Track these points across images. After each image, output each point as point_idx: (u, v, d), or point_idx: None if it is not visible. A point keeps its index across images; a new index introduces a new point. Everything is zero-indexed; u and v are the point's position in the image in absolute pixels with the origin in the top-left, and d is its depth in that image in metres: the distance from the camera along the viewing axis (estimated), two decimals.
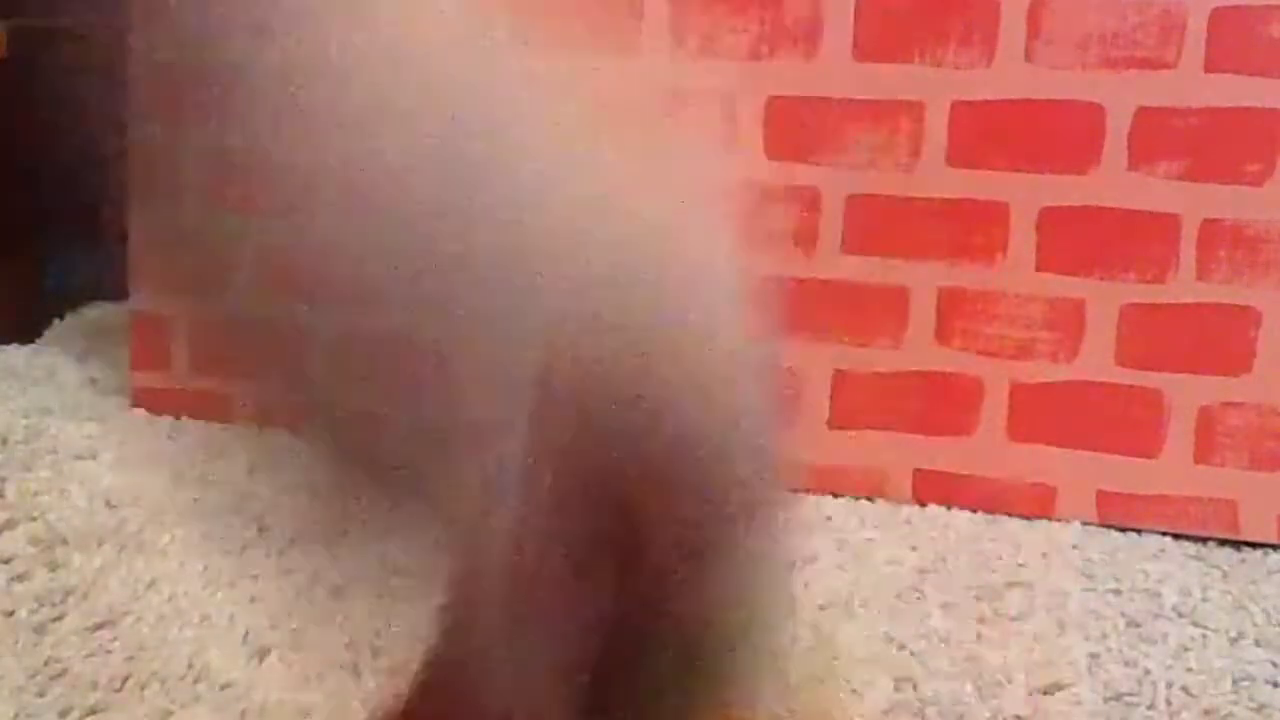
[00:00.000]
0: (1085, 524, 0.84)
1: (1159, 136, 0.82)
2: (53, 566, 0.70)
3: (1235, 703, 0.62)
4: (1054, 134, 0.83)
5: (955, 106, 0.84)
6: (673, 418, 0.27)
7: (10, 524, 0.75)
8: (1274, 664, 0.66)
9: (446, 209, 0.26)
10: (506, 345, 0.25)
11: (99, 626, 0.64)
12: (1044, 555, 0.79)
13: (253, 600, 0.67)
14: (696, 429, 0.27)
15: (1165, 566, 0.78)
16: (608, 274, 0.26)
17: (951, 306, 0.86)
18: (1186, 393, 0.83)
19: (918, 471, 0.87)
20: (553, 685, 0.28)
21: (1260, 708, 0.61)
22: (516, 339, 0.25)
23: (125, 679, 0.59)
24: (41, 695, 0.57)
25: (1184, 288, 0.83)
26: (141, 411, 0.97)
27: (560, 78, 0.27)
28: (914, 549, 0.79)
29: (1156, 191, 0.82)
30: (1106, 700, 0.61)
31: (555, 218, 0.26)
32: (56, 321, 1.22)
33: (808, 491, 0.88)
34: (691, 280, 0.27)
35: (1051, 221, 0.84)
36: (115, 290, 1.26)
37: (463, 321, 0.25)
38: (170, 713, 0.56)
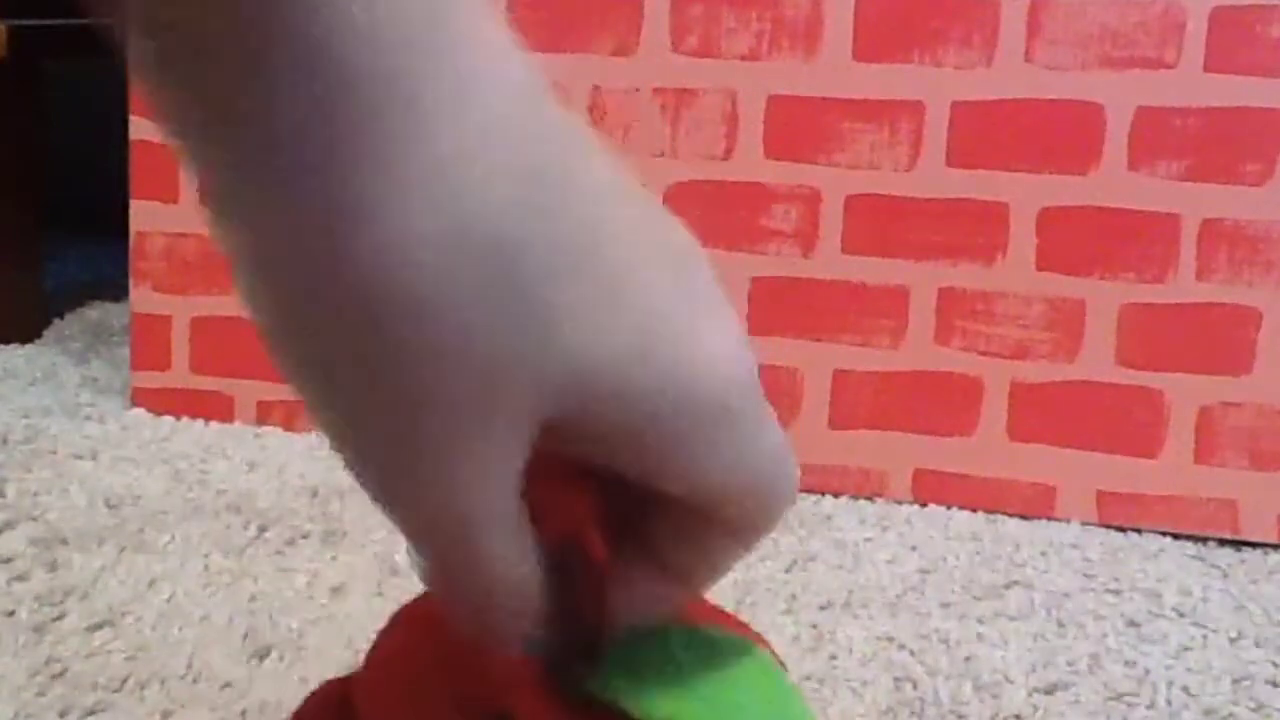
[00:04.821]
0: (1085, 524, 0.84)
1: (1159, 136, 0.82)
2: (53, 566, 0.70)
3: (1235, 703, 0.62)
4: (1054, 134, 0.83)
5: (955, 106, 0.84)
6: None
7: (10, 524, 0.75)
8: (1274, 664, 0.66)
9: None
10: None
11: (99, 626, 0.64)
12: (1044, 555, 0.79)
13: (253, 600, 0.67)
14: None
15: (1165, 566, 0.78)
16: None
17: (951, 306, 0.86)
18: (1186, 393, 0.83)
19: (918, 471, 0.87)
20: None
21: (1260, 707, 0.61)
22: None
23: (125, 679, 0.59)
24: (41, 695, 0.57)
25: (1184, 288, 0.83)
26: (141, 411, 0.97)
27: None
28: (914, 549, 0.79)
29: (1156, 191, 0.82)
30: (1106, 700, 0.61)
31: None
32: (56, 321, 1.22)
33: (808, 491, 0.88)
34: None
35: (1051, 221, 0.84)
36: (115, 290, 1.26)
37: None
38: (170, 713, 0.56)
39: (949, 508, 0.86)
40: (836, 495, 0.88)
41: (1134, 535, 0.83)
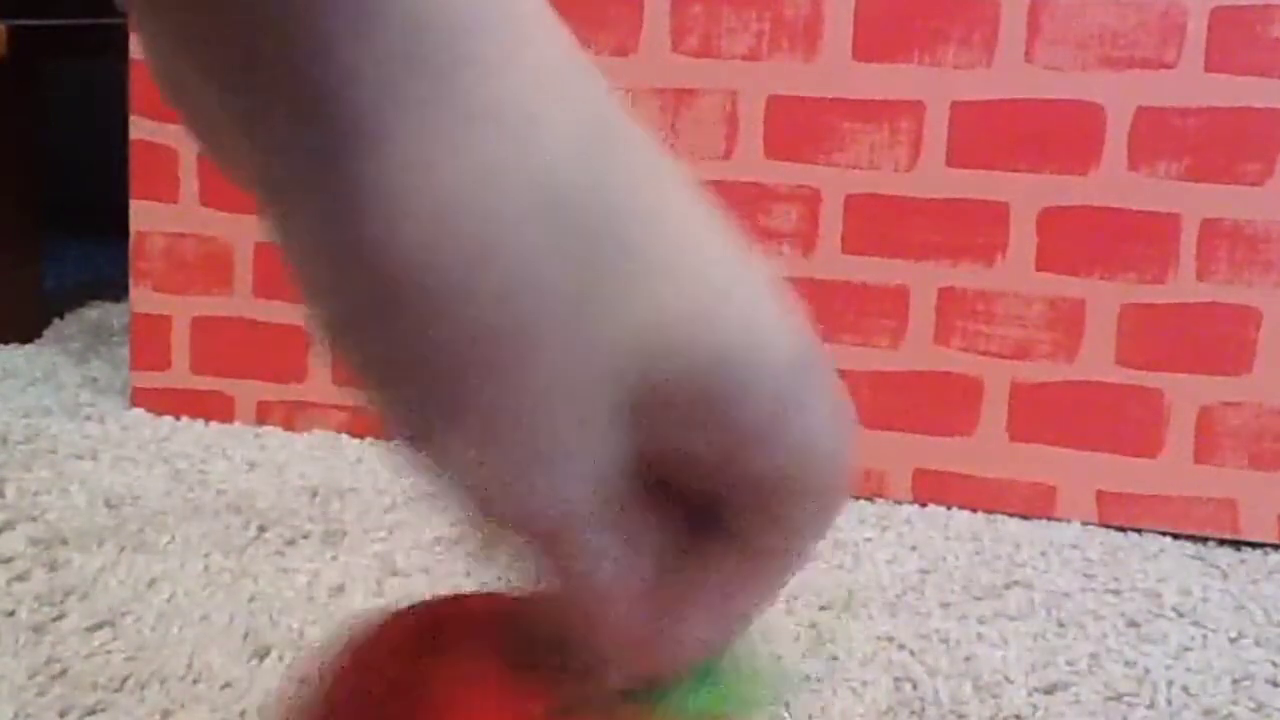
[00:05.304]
0: (1085, 524, 0.84)
1: (1159, 136, 0.82)
2: (53, 566, 0.70)
3: (1235, 703, 0.62)
4: (1054, 134, 0.83)
5: (955, 106, 0.84)
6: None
7: (10, 524, 0.75)
8: (1274, 664, 0.66)
9: None
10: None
11: (99, 626, 0.64)
12: (1044, 555, 0.79)
13: (253, 600, 0.67)
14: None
15: (1165, 566, 0.78)
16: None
17: (951, 306, 0.86)
18: (1186, 393, 0.83)
19: (918, 471, 0.87)
20: None
21: (1260, 707, 0.61)
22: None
23: (125, 679, 0.59)
24: (41, 695, 0.57)
25: (1184, 288, 0.83)
26: (141, 411, 0.97)
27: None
28: (914, 549, 0.79)
29: (1156, 191, 0.82)
30: (1106, 700, 0.61)
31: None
32: (56, 321, 1.22)
33: None
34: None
35: (1051, 221, 0.84)
36: (115, 290, 1.26)
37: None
38: (170, 713, 0.56)
39: (949, 508, 0.86)
40: None
41: (1134, 535, 0.83)
